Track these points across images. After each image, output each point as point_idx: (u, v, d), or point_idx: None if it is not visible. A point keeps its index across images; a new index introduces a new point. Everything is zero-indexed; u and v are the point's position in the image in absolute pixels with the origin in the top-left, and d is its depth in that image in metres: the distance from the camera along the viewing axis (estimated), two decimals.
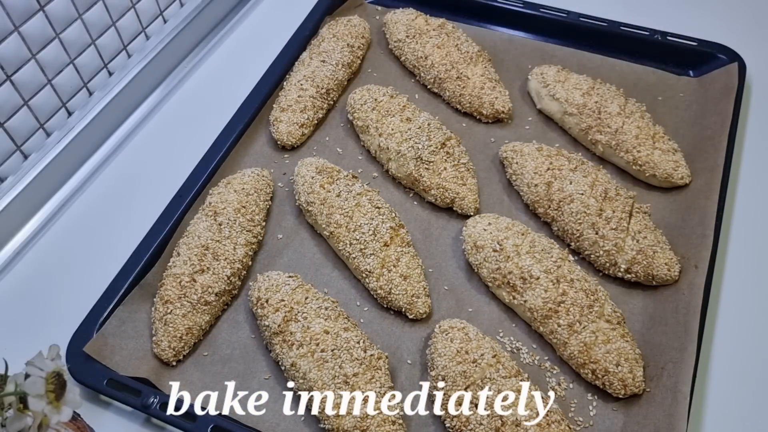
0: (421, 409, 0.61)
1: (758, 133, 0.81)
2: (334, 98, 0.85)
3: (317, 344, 0.60)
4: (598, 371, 0.60)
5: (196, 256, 0.66)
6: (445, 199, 0.73)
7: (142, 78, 0.86)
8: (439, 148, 0.74)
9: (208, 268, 0.66)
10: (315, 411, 0.58)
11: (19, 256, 0.73)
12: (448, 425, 0.58)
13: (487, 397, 0.57)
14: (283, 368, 0.61)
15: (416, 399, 0.62)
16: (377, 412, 0.57)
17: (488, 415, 0.56)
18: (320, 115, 0.83)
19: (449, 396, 0.58)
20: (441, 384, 0.59)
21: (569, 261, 0.66)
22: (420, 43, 0.86)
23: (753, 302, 0.67)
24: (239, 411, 0.60)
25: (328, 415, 0.57)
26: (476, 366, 0.59)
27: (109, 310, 0.65)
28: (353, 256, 0.67)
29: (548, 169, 0.73)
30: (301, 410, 0.61)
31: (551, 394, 0.61)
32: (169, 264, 0.67)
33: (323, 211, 0.70)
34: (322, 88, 0.82)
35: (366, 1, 0.98)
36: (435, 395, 0.59)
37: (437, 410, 0.59)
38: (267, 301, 0.63)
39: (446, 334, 0.62)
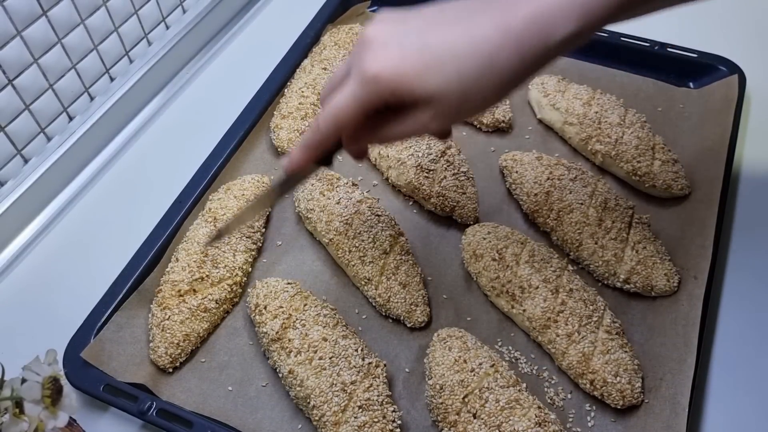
0: (419, 418, 0.61)
1: (758, 144, 0.81)
2: None
3: (315, 351, 0.60)
4: (596, 381, 0.60)
5: (195, 263, 0.66)
6: (444, 208, 0.73)
7: (143, 83, 0.86)
8: (440, 157, 0.74)
9: (207, 275, 0.66)
10: (312, 419, 0.58)
11: (17, 261, 0.73)
12: None
13: (485, 407, 0.57)
14: (280, 375, 0.61)
15: (414, 408, 0.61)
16: (375, 420, 0.57)
17: (486, 425, 0.56)
18: None
19: (447, 405, 0.58)
20: (439, 393, 0.59)
21: (568, 270, 0.66)
22: None
23: (752, 314, 0.67)
24: (236, 418, 0.60)
25: (325, 423, 0.57)
26: (474, 375, 0.58)
27: (106, 315, 0.64)
28: (352, 263, 0.67)
29: (548, 178, 0.73)
30: (299, 418, 0.60)
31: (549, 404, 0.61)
32: (167, 269, 0.67)
33: (323, 218, 0.70)
34: None
35: (368, 9, 0.98)
36: (433, 404, 0.59)
37: (435, 419, 0.59)
38: (265, 308, 0.63)
39: (444, 343, 0.61)
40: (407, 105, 0.48)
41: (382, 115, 0.49)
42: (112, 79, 0.86)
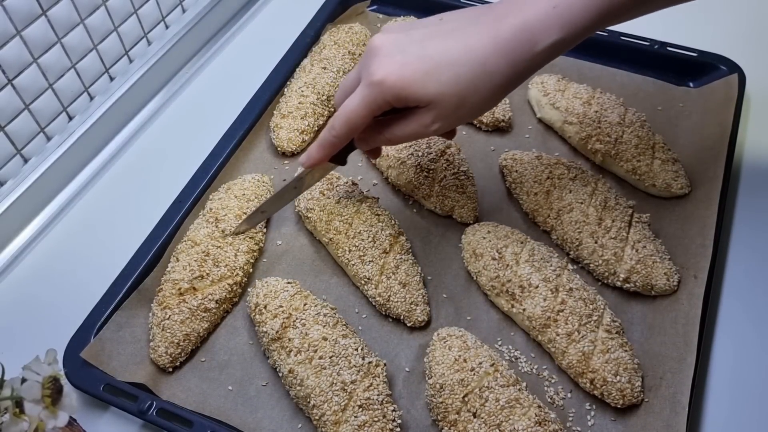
0: (419, 418, 0.61)
1: (757, 143, 0.81)
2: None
3: (315, 351, 0.60)
4: (596, 381, 0.60)
5: (196, 262, 0.66)
6: (444, 207, 0.73)
7: (143, 83, 0.86)
8: (439, 156, 0.74)
9: (207, 274, 0.66)
10: (312, 418, 0.58)
11: (17, 260, 0.73)
12: None
13: (485, 406, 0.57)
14: (280, 375, 0.61)
15: (414, 407, 0.61)
16: (375, 419, 0.57)
17: (486, 424, 0.56)
18: (321, 122, 0.83)
19: (447, 404, 0.58)
20: (439, 392, 0.59)
21: (568, 270, 0.66)
22: None
23: (752, 313, 0.67)
24: (236, 418, 0.60)
25: (325, 422, 0.57)
26: (474, 374, 0.58)
27: (106, 315, 0.64)
28: (352, 262, 0.67)
29: (548, 177, 0.73)
30: (299, 417, 0.60)
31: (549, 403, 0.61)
32: (168, 269, 0.67)
33: (322, 218, 0.70)
34: (323, 95, 0.83)
35: (367, 9, 0.98)
36: (433, 403, 0.59)
37: (435, 419, 0.59)
38: (265, 307, 0.63)
39: (444, 342, 0.61)
40: (411, 108, 0.53)
41: (390, 117, 0.56)
42: (111, 79, 0.86)
